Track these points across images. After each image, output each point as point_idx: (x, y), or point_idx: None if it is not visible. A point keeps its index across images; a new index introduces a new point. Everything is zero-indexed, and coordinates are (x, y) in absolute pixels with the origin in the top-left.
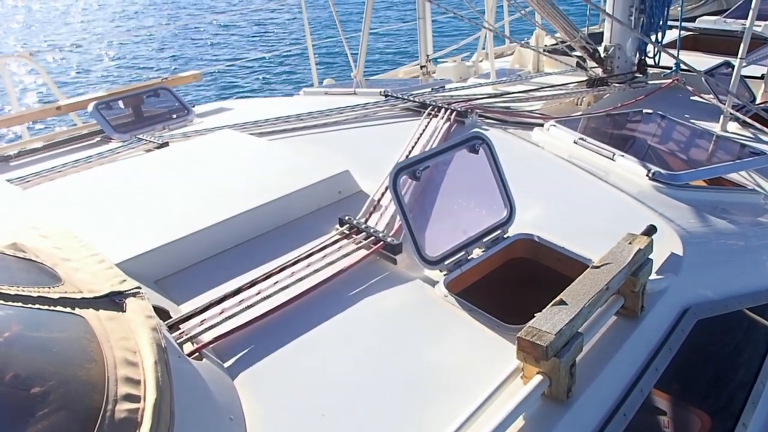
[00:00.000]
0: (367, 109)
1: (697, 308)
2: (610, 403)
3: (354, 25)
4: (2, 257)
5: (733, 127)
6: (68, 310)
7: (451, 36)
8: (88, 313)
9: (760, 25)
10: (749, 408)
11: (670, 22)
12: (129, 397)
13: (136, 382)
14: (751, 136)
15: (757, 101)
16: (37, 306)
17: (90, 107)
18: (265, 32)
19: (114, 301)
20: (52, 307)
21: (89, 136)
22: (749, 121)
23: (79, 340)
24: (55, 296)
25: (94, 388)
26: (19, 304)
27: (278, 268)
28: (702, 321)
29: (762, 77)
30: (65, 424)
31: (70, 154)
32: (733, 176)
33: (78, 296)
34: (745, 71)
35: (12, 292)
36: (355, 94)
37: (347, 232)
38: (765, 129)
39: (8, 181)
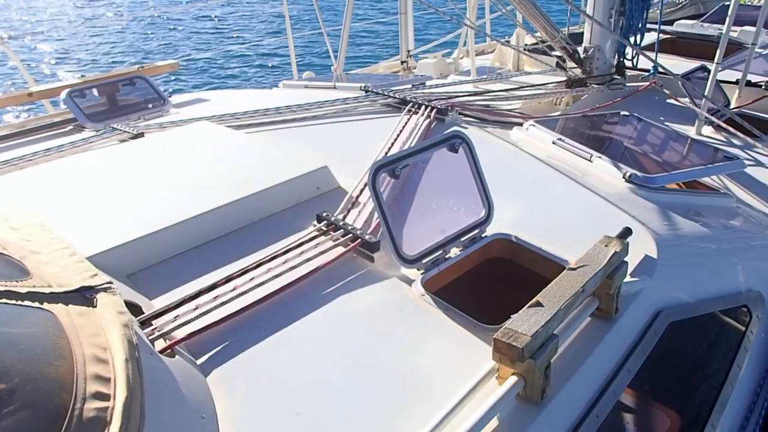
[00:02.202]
0: (347, 103)
1: (670, 311)
2: (584, 404)
3: (335, 19)
4: None
5: (707, 130)
6: (36, 304)
7: (433, 32)
8: (58, 308)
9: (736, 30)
10: (718, 409)
11: (648, 25)
12: (98, 396)
13: (106, 380)
14: (725, 140)
15: (732, 106)
16: (3, 300)
17: (63, 95)
18: (245, 23)
19: (84, 296)
20: (19, 302)
21: (62, 125)
22: (723, 125)
23: (48, 336)
24: (23, 290)
25: (62, 386)
26: None
27: (254, 264)
28: (674, 323)
29: (736, 82)
30: (32, 423)
31: (41, 143)
32: (707, 180)
33: (47, 290)
34: (720, 76)
35: None
36: (335, 88)
37: (325, 228)
38: (738, 133)
39: None
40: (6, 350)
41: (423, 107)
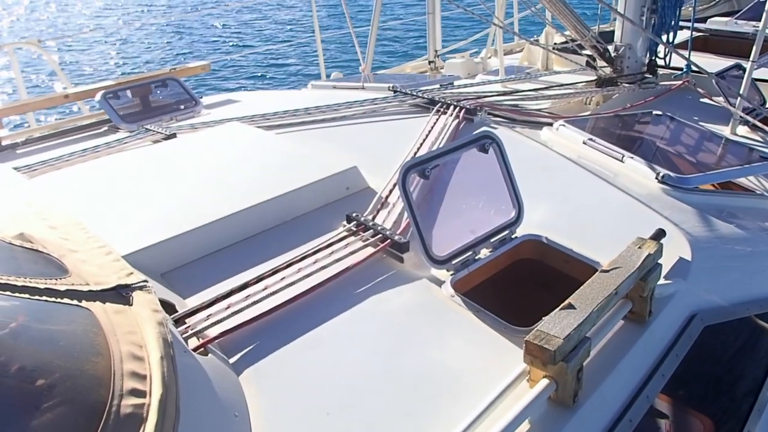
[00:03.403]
0: (375, 104)
1: (705, 314)
2: (616, 408)
3: (363, 19)
4: (10, 247)
5: (742, 130)
6: (75, 302)
7: (460, 32)
8: (95, 306)
9: None
10: (755, 416)
11: (681, 23)
12: (135, 392)
13: (142, 377)
14: (761, 140)
15: None
16: (44, 298)
17: (98, 96)
18: (274, 24)
19: (121, 294)
20: (58, 300)
21: (96, 126)
22: (759, 124)
23: (86, 333)
24: (62, 288)
25: (100, 383)
26: (26, 295)
27: (285, 264)
28: (709, 327)
29: None
30: (71, 418)
31: (77, 143)
32: (742, 180)
33: (85, 288)
34: (756, 74)
35: (19, 284)
36: (363, 88)
37: (354, 229)
38: None
39: (15, 169)
40: (46, 347)
41: (451, 107)
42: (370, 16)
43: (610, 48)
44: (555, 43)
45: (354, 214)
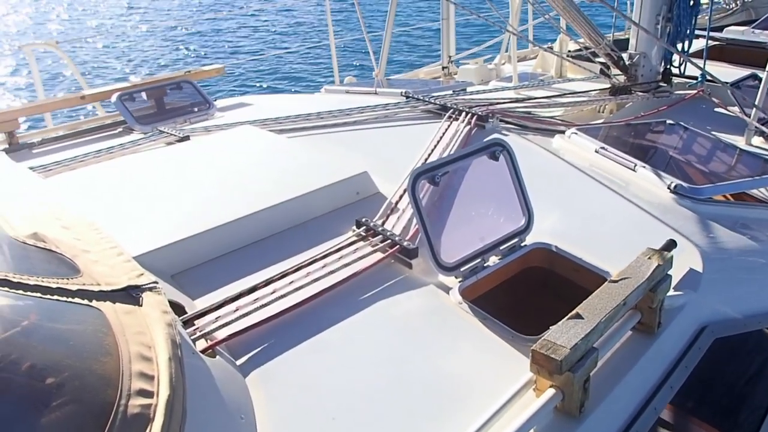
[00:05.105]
0: (387, 109)
1: (715, 326)
2: (623, 420)
3: (377, 24)
4: (23, 247)
5: (757, 141)
6: (86, 302)
7: (474, 38)
8: (105, 306)
9: None
10: (765, 430)
11: (697, 32)
12: (142, 393)
13: (150, 378)
14: None
15: None
16: (55, 297)
17: (113, 98)
18: (289, 28)
19: (131, 294)
20: (69, 299)
21: (111, 127)
22: None
23: (96, 333)
24: (74, 288)
25: (108, 383)
26: (38, 294)
27: (294, 268)
28: (719, 339)
29: None
30: (79, 417)
31: (92, 144)
32: (756, 192)
33: (96, 289)
34: None
35: (31, 282)
36: (376, 93)
37: (363, 234)
38: None
39: (30, 168)
40: (56, 345)
41: (463, 114)
42: (384, 21)
43: (625, 56)
44: (569, 51)
45: (363, 219)
